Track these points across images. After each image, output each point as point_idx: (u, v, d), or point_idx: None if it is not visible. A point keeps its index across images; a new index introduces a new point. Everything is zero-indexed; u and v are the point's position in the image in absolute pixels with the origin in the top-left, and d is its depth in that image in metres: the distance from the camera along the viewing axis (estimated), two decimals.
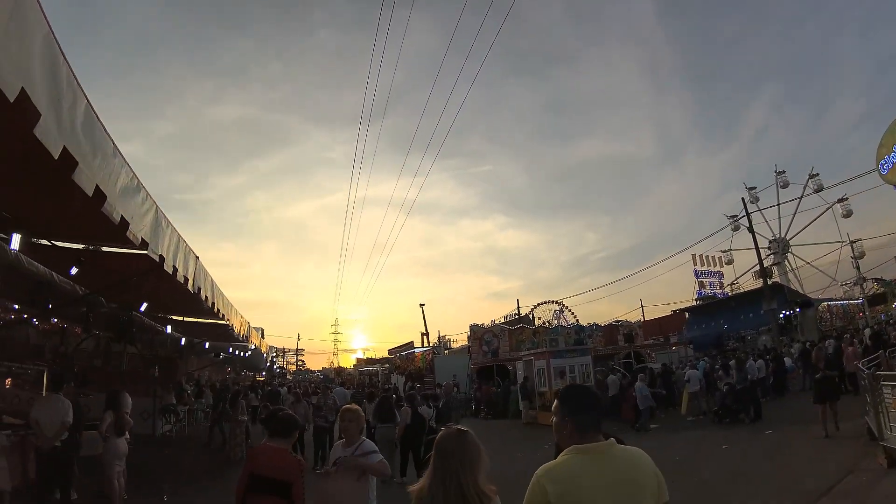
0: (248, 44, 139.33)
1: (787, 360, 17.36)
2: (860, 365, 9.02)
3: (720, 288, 41.15)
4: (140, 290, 6.82)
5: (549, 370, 16.24)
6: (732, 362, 17.02)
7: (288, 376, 52.24)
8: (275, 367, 33.42)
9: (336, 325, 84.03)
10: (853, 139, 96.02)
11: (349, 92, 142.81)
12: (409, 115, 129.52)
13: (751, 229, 25.17)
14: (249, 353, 16.28)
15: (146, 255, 3.95)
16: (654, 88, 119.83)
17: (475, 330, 25.61)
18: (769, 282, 25.53)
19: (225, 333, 11.08)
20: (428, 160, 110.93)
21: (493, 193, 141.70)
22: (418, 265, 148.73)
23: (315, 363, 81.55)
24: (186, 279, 4.89)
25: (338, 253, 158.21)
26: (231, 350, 14.78)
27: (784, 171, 36.71)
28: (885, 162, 8.63)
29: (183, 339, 12.55)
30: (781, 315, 23.65)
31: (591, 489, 1.62)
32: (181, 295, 6.47)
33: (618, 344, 25.13)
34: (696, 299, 37.48)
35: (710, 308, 32.34)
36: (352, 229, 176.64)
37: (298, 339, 69.59)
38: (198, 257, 5.35)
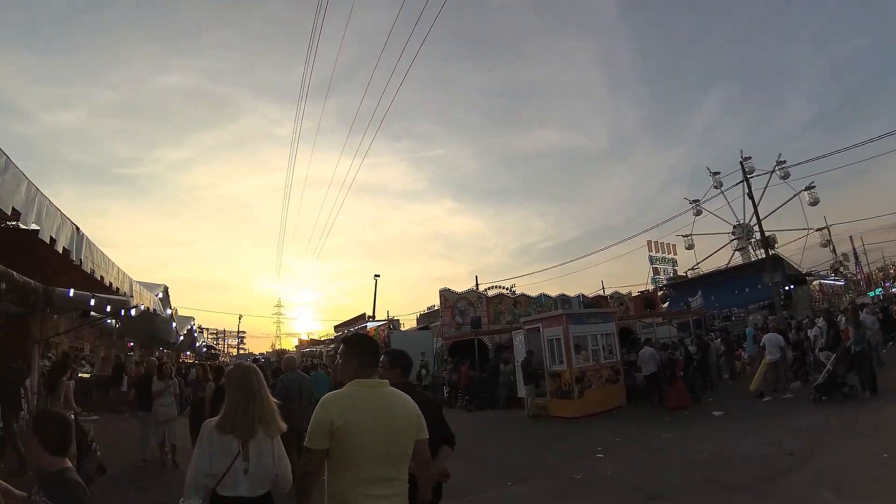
0: (198, 9, 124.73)
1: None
2: None
3: (674, 275, 40.10)
4: None
5: (568, 341, 11.99)
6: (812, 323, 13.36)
7: (222, 358, 46.02)
8: (197, 343, 26.37)
9: (279, 305, 78.03)
10: (802, 143, 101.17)
11: (299, 66, 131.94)
12: (357, 94, 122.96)
13: (750, 195, 22.92)
14: (134, 312, 9.24)
15: None
16: (609, 83, 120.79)
17: (447, 296, 20.80)
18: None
19: (85, 280, 5.49)
20: (378, 141, 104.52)
21: (442, 178, 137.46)
22: (363, 247, 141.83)
23: (258, 347, 76.29)
24: None
25: (281, 232, 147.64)
26: (96, 304, 7.99)
27: (750, 157, 35.31)
28: None
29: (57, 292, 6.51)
30: (784, 289, 21.49)
31: (364, 413, 2.09)
32: None
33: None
34: (667, 280, 35.50)
35: (694, 283, 29.87)
36: (296, 208, 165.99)
37: (240, 319, 62.75)
38: None
